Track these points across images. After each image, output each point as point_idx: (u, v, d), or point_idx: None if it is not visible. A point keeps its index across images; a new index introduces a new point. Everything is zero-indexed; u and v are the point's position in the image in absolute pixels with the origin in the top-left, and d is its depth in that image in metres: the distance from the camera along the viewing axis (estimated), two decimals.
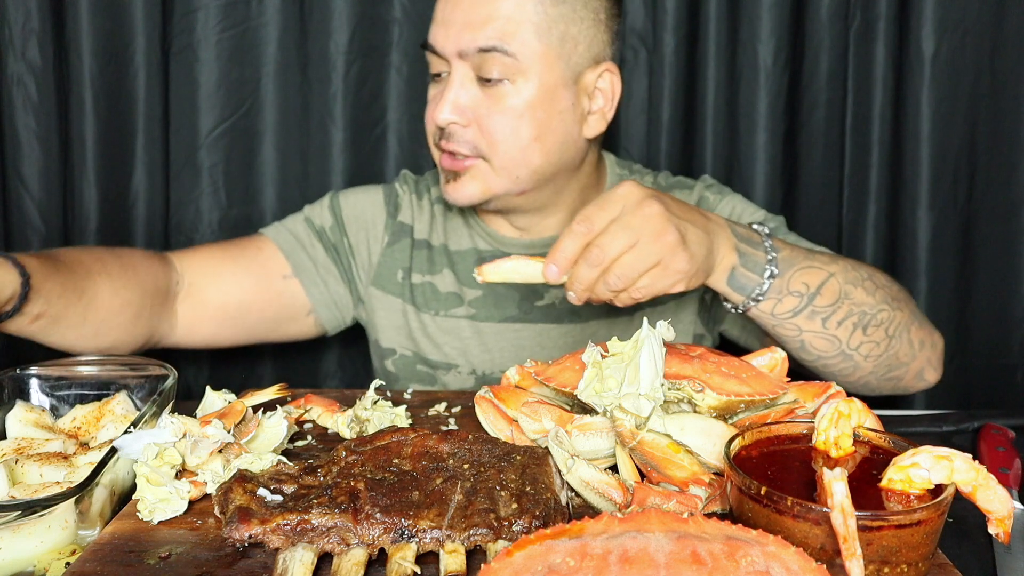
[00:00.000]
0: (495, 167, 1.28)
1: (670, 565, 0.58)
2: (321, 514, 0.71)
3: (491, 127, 1.25)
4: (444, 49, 1.25)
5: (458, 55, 1.24)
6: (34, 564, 0.75)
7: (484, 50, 1.22)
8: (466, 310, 1.43)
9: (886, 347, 1.18)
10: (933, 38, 1.68)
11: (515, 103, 1.25)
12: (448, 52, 1.25)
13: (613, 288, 0.99)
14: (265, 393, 0.97)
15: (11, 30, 1.59)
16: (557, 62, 1.26)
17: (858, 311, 1.15)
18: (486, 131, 1.26)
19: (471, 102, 1.25)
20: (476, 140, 1.26)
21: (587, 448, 0.87)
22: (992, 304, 1.78)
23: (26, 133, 1.62)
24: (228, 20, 1.65)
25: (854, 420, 0.78)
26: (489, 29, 1.22)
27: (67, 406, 1.01)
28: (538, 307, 1.41)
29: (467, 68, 1.25)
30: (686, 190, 1.47)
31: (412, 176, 1.53)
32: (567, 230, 1.00)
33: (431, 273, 1.45)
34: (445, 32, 1.25)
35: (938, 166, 1.73)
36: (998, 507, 0.69)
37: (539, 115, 1.26)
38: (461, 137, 1.27)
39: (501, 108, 1.25)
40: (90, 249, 1.30)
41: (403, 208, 1.49)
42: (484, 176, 1.29)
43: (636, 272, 0.99)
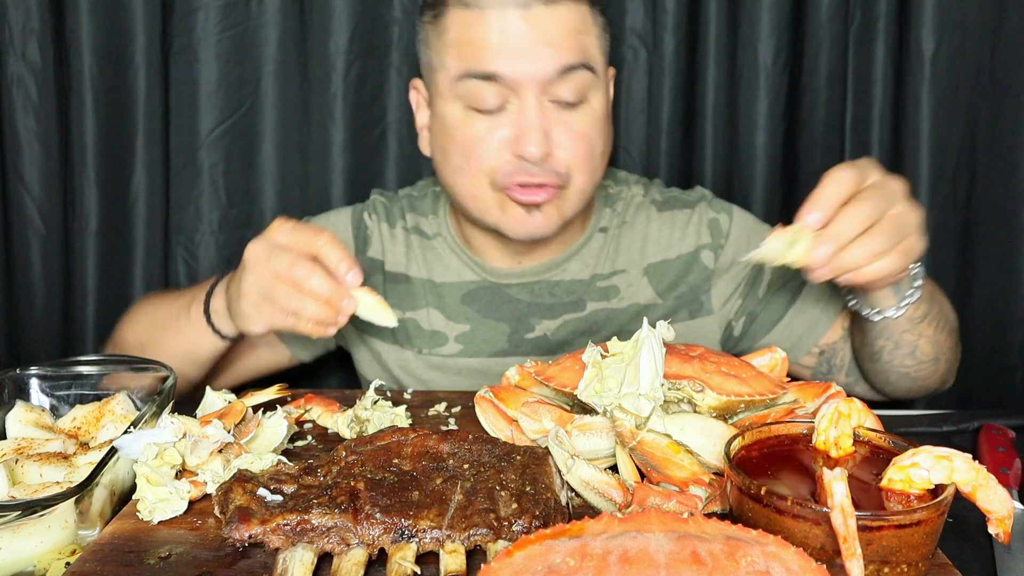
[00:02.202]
0: (571, 192, 1.23)
1: (670, 565, 0.58)
2: (321, 514, 0.71)
3: (577, 151, 1.20)
4: (521, 75, 1.15)
5: (539, 81, 1.16)
6: (34, 564, 0.75)
7: (569, 68, 1.16)
8: (453, 347, 1.37)
9: (953, 350, 1.24)
10: (933, 38, 1.68)
11: (594, 121, 1.21)
12: (526, 78, 1.15)
13: (875, 250, 0.94)
14: (265, 393, 0.97)
15: (11, 30, 1.59)
16: (606, 70, 1.25)
17: (949, 317, 1.21)
18: (572, 156, 1.20)
19: (553, 128, 1.18)
20: (560, 167, 1.20)
21: (587, 448, 0.87)
22: (992, 304, 1.78)
23: (26, 133, 1.62)
24: (228, 20, 1.65)
25: (854, 420, 0.78)
26: (571, 45, 1.16)
27: (67, 406, 1.01)
28: (528, 339, 1.37)
29: (541, 92, 1.17)
30: (686, 209, 1.41)
31: (383, 200, 1.46)
32: (830, 178, 0.94)
33: (412, 309, 1.39)
34: (518, 57, 1.14)
35: (938, 166, 1.72)
36: (998, 507, 0.69)
37: (605, 129, 1.24)
38: (547, 167, 1.18)
39: (583, 129, 1.20)
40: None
41: (372, 242, 1.42)
42: (562, 204, 1.23)
43: (897, 235, 0.95)
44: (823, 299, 1.34)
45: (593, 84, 1.20)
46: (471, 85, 1.17)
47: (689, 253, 1.39)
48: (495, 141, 1.19)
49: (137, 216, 1.69)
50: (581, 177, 1.22)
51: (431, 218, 1.43)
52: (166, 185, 1.69)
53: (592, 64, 1.19)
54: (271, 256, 1.04)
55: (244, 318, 1.09)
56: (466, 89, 1.18)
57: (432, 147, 1.30)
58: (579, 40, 1.17)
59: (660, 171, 1.75)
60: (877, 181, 0.97)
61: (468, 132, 1.20)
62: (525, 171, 1.18)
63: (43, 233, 1.67)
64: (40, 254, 1.68)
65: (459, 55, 1.18)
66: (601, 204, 1.41)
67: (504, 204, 1.23)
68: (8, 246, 1.67)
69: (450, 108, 1.22)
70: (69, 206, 1.67)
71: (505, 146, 1.18)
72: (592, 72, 1.19)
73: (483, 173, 1.21)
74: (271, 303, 1.05)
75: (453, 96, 1.20)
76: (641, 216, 1.41)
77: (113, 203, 1.68)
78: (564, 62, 1.15)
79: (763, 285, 1.36)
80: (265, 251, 1.04)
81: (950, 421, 1.15)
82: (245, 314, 1.08)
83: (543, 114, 1.17)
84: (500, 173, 1.20)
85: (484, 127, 1.19)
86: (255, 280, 1.05)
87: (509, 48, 1.15)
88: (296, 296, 1.03)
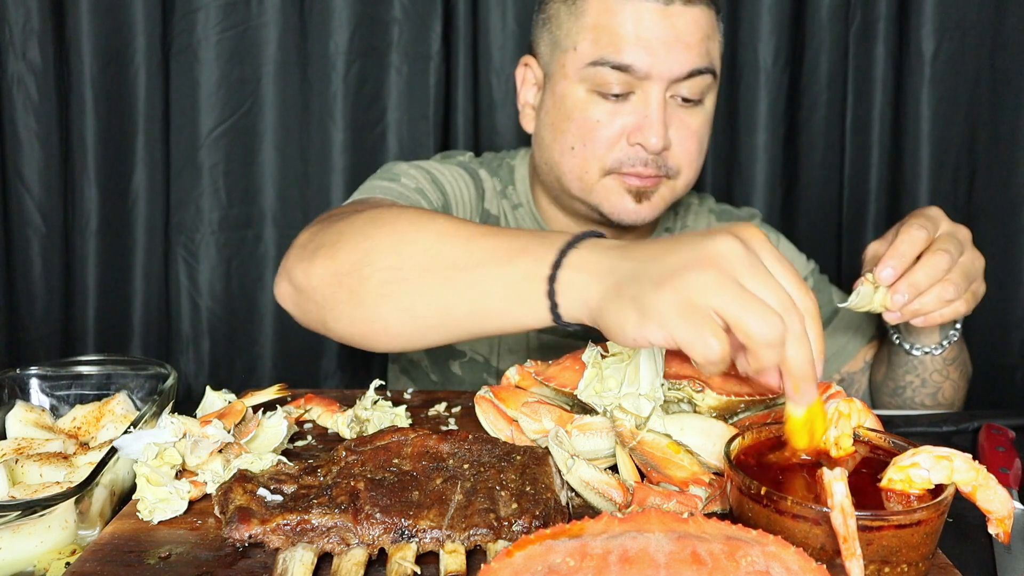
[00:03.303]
0: (679, 185, 1.26)
1: (670, 565, 0.58)
2: (321, 514, 0.71)
3: (689, 148, 1.23)
4: (653, 71, 1.17)
5: (669, 78, 1.17)
6: (34, 564, 0.75)
7: (697, 72, 1.18)
8: None
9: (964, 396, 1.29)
10: (933, 38, 1.68)
11: (705, 121, 1.24)
12: (659, 75, 1.17)
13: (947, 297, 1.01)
14: (265, 393, 0.97)
15: (11, 30, 1.59)
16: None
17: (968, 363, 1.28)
18: (684, 152, 1.23)
19: (672, 123, 1.21)
20: (672, 161, 1.23)
21: (587, 448, 0.86)
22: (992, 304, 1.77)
23: (26, 133, 1.63)
24: (228, 20, 1.65)
25: (854, 420, 0.78)
26: (701, 49, 1.18)
27: (67, 406, 1.01)
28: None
29: (666, 87, 1.19)
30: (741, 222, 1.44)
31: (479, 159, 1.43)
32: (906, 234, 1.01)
33: None
34: (654, 53, 1.16)
35: (938, 166, 1.73)
36: (998, 507, 0.69)
37: (710, 129, 1.27)
38: (662, 161, 1.22)
39: (697, 128, 1.23)
40: None
41: (488, 195, 1.40)
42: (665, 197, 1.26)
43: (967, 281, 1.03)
44: (852, 329, 1.38)
45: (711, 87, 1.23)
46: (602, 71, 1.18)
47: None
48: (616, 127, 1.20)
49: (137, 216, 1.69)
50: (688, 173, 1.25)
51: (511, 188, 1.42)
52: (166, 185, 1.70)
53: (715, 69, 1.22)
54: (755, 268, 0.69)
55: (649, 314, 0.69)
56: (595, 74, 1.19)
57: (540, 125, 1.30)
58: (708, 44, 1.19)
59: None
60: (948, 231, 1.05)
61: (588, 115, 1.21)
62: (640, 161, 1.21)
63: (43, 233, 1.67)
64: (40, 254, 1.68)
65: (595, 40, 1.18)
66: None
67: (612, 188, 1.24)
68: (8, 246, 1.67)
69: (573, 89, 1.22)
70: (69, 206, 1.67)
71: (623, 133, 1.20)
72: (714, 77, 1.22)
73: (597, 157, 1.22)
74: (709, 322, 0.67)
75: (580, 78, 1.21)
76: (702, 222, 1.47)
77: (113, 203, 1.68)
78: (695, 64, 1.17)
79: None
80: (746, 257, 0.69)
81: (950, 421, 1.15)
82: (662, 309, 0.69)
83: (665, 109, 1.19)
84: (614, 160, 1.21)
85: (606, 112, 1.20)
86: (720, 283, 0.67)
87: (646, 42, 1.16)
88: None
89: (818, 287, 1.42)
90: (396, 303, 0.87)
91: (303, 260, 0.95)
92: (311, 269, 0.93)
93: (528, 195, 1.40)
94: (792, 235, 1.79)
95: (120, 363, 1.04)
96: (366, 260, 0.88)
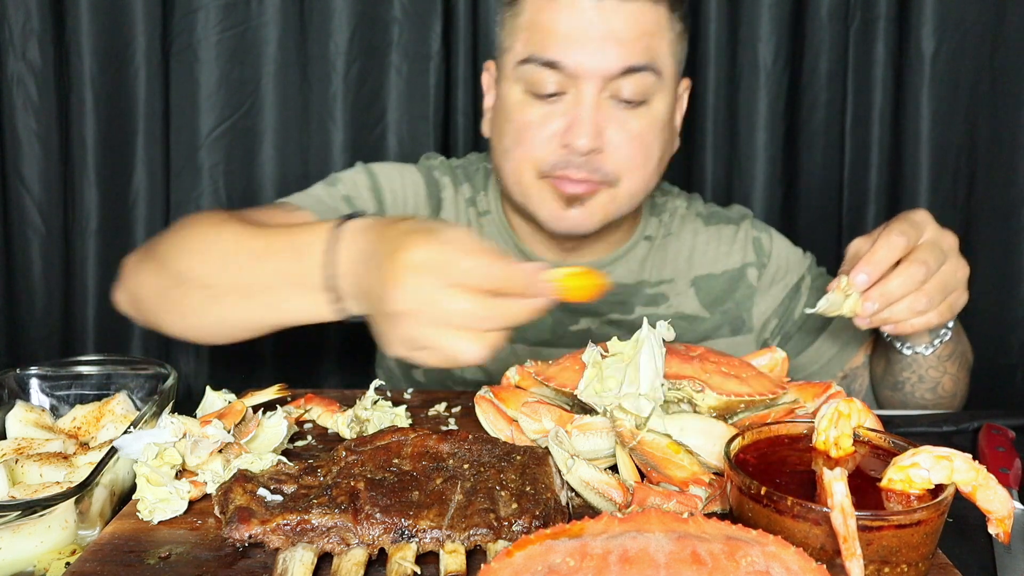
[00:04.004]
0: (621, 193, 1.20)
1: (670, 565, 0.58)
2: (321, 514, 0.71)
3: (630, 152, 1.17)
4: (582, 68, 1.13)
5: (600, 75, 1.13)
6: (34, 564, 0.75)
7: (633, 69, 1.13)
8: None
9: (967, 385, 1.28)
10: (933, 38, 1.68)
11: (652, 124, 1.18)
12: (589, 72, 1.13)
13: (918, 308, 0.99)
14: (265, 393, 0.97)
15: (11, 30, 1.59)
16: (677, 78, 1.22)
17: (967, 353, 1.26)
18: (624, 156, 1.17)
19: (608, 125, 1.16)
20: (609, 166, 1.17)
21: (587, 448, 0.87)
22: (992, 304, 1.78)
23: (26, 133, 1.63)
24: (228, 20, 1.65)
25: (854, 420, 0.78)
26: (639, 45, 1.13)
27: (67, 406, 1.01)
28: (572, 331, 1.36)
29: (601, 87, 1.14)
30: (731, 225, 1.41)
31: (447, 162, 1.41)
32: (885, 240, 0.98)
33: None
34: (582, 49, 1.12)
35: (938, 166, 1.73)
36: (998, 507, 0.69)
37: (665, 135, 1.22)
38: (594, 164, 1.16)
39: (640, 131, 1.17)
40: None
41: (445, 205, 1.38)
42: (609, 203, 1.21)
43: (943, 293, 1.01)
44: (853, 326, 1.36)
45: (657, 87, 1.17)
46: (532, 70, 1.16)
47: (735, 269, 1.40)
48: (547, 129, 1.17)
49: (137, 216, 1.69)
50: (631, 180, 1.20)
51: (482, 195, 1.40)
52: (166, 185, 1.70)
53: (657, 67, 1.16)
54: (448, 300, 0.77)
55: (390, 349, 0.83)
56: (527, 73, 1.16)
57: (491, 128, 1.29)
58: (648, 41, 1.14)
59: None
60: (931, 239, 1.02)
61: (523, 116, 1.19)
62: (571, 164, 1.17)
63: (43, 233, 1.67)
64: (40, 254, 1.68)
65: (527, 39, 1.17)
66: (647, 213, 1.40)
67: (546, 193, 1.21)
68: (8, 246, 1.67)
69: (511, 90, 1.20)
70: (69, 206, 1.67)
71: (556, 135, 1.17)
72: (657, 75, 1.16)
73: (529, 159, 1.19)
74: (434, 350, 0.80)
75: (515, 79, 1.19)
76: (688, 228, 1.41)
77: (113, 203, 1.68)
78: (629, 61, 1.13)
79: (799, 308, 1.38)
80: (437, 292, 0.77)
81: (950, 421, 1.15)
82: (393, 348, 0.82)
83: (599, 109, 1.15)
84: (546, 163, 1.18)
85: (539, 113, 1.18)
86: (416, 327, 0.79)
87: (575, 38, 1.13)
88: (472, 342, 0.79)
89: (815, 284, 1.40)
90: (211, 313, 1.00)
91: (136, 274, 1.10)
92: (141, 279, 1.08)
93: (498, 202, 1.38)
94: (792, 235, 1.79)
95: (120, 363, 1.04)
96: (184, 277, 1.02)
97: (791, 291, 1.40)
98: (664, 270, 1.39)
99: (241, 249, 0.98)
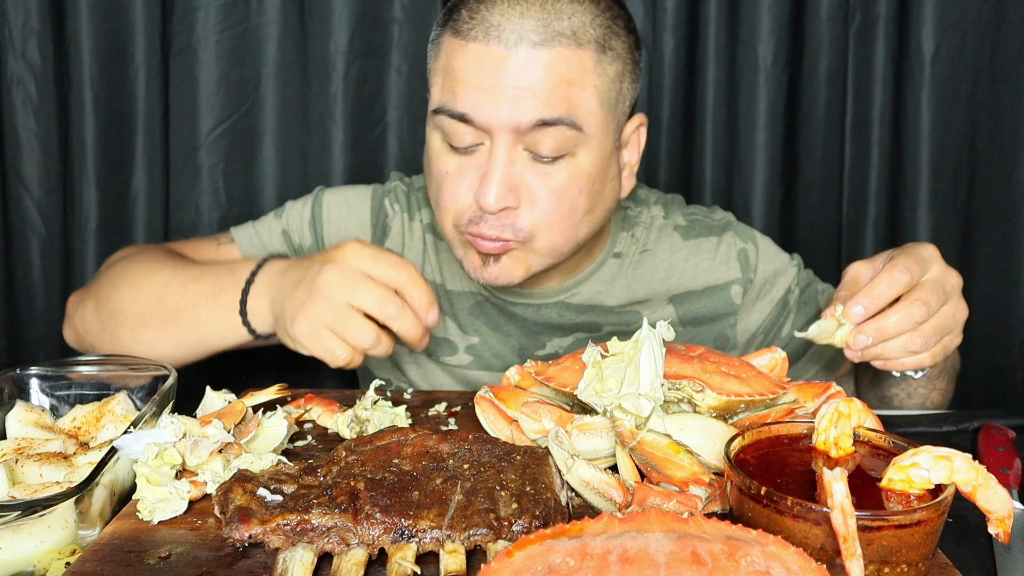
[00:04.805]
0: (537, 249, 1.13)
1: (670, 565, 0.58)
2: (321, 514, 0.71)
3: (547, 208, 1.09)
4: (492, 122, 1.05)
5: (510, 129, 1.05)
6: (34, 564, 0.75)
7: (547, 123, 1.04)
8: (463, 357, 1.32)
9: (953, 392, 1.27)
10: (933, 38, 1.68)
11: (574, 179, 1.09)
12: (499, 126, 1.05)
13: (912, 348, 0.96)
14: (265, 393, 0.97)
15: (11, 30, 1.59)
16: (612, 126, 1.12)
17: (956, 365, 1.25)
18: (540, 213, 1.09)
19: (521, 180, 1.08)
20: (522, 223, 1.10)
21: (587, 448, 0.87)
22: (992, 304, 1.78)
23: (26, 133, 1.63)
24: (228, 20, 1.65)
25: (854, 420, 0.78)
26: (554, 98, 1.04)
27: (67, 406, 1.01)
28: (539, 356, 1.31)
29: (515, 141, 1.06)
30: (712, 237, 1.32)
31: (403, 187, 1.36)
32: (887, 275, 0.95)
33: None
34: (492, 102, 1.04)
35: (938, 166, 1.73)
36: (998, 507, 0.69)
37: (595, 187, 1.12)
38: (504, 222, 1.09)
39: (559, 186, 1.08)
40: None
41: (392, 233, 1.34)
42: (522, 261, 1.14)
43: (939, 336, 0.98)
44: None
45: (579, 140, 1.07)
46: (445, 120, 1.09)
47: (718, 286, 1.32)
48: (463, 183, 1.10)
49: (137, 216, 1.69)
50: (550, 236, 1.12)
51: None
52: (166, 185, 1.70)
53: (577, 121, 1.06)
54: (354, 287, 0.98)
55: (294, 340, 1.04)
56: (441, 123, 1.10)
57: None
58: (567, 92, 1.05)
59: (660, 171, 1.75)
60: (935, 278, 0.98)
61: (440, 166, 1.13)
62: (483, 221, 1.10)
63: (43, 233, 1.67)
64: (40, 254, 1.68)
65: (441, 85, 1.10)
66: (618, 228, 1.32)
67: (465, 246, 1.16)
68: (8, 246, 1.67)
69: (432, 136, 1.14)
70: (69, 206, 1.67)
71: (471, 189, 1.10)
72: (575, 129, 1.06)
73: (448, 212, 1.13)
74: (336, 335, 1.00)
75: (433, 125, 1.13)
76: (664, 244, 1.33)
77: (113, 203, 1.68)
78: (540, 115, 1.04)
79: (787, 325, 1.33)
80: (347, 280, 0.98)
81: (950, 421, 1.15)
82: (297, 337, 1.03)
83: (513, 164, 1.07)
84: (462, 218, 1.12)
85: (454, 165, 1.11)
86: (327, 308, 0.99)
87: (484, 89, 1.04)
88: (374, 334, 1.00)
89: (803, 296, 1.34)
90: (144, 340, 1.17)
91: (78, 308, 1.25)
92: (84, 315, 1.23)
93: None
94: (792, 235, 1.80)
95: (120, 363, 1.04)
96: (118, 308, 1.19)
97: (778, 306, 1.33)
98: (638, 290, 1.32)
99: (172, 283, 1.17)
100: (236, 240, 1.36)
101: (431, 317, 1.03)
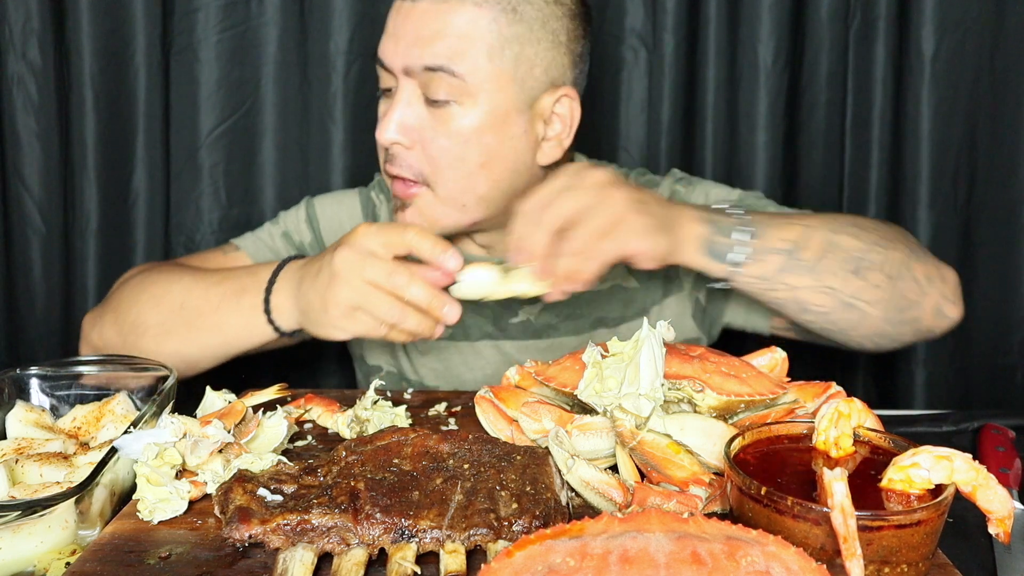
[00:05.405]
0: (439, 196, 1.20)
1: (670, 565, 0.58)
2: (321, 514, 0.71)
3: (435, 151, 1.17)
4: (392, 64, 1.18)
5: (404, 72, 1.16)
6: (34, 564, 0.75)
7: (431, 69, 1.14)
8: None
9: (889, 289, 1.12)
10: (933, 38, 1.68)
11: (462, 126, 1.16)
12: (395, 67, 1.17)
13: (572, 251, 0.98)
14: (265, 393, 0.97)
15: (11, 30, 1.59)
16: (510, 85, 1.17)
17: (847, 256, 1.10)
18: (430, 155, 1.18)
19: (417, 122, 1.17)
20: (420, 164, 1.18)
21: (587, 448, 0.87)
22: (992, 304, 1.78)
23: (26, 133, 1.62)
24: (228, 20, 1.65)
25: (854, 420, 0.78)
26: (438, 46, 1.14)
27: (67, 406, 1.01)
28: (513, 323, 1.37)
29: (414, 86, 1.17)
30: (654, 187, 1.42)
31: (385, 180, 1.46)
32: (514, 215, 1.02)
33: None
34: (394, 46, 1.17)
35: (938, 166, 1.72)
36: (998, 507, 0.69)
37: (487, 140, 1.18)
38: (404, 160, 1.19)
39: (447, 131, 1.16)
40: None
41: (381, 220, 1.42)
42: (429, 207, 1.21)
43: (594, 233, 0.99)
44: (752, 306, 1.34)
45: (463, 91, 1.15)
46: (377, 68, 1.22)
47: None
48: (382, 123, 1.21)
49: (137, 216, 1.69)
50: (444, 184, 1.19)
51: None
52: (166, 185, 1.69)
53: (457, 70, 1.14)
54: (365, 264, 1.02)
55: (330, 327, 1.07)
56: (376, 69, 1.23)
57: None
58: (454, 43, 1.14)
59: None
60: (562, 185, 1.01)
61: (379, 111, 1.25)
62: (389, 161, 1.21)
63: (43, 233, 1.67)
64: (40, 254, 1.68)
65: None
66: None
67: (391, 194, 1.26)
68: (8, 246, 1.67)
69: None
70: (69, 206, 1.67)
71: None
72: (455, 77, 1.14)
73: (380, 152, 1.24)
74: (366, 314, 1.04)
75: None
76: None
77: (113, 203, 1.68)
78: (425, 61, 1.14)
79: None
80: (358, 259, 1.02)
81: (950, 421, 1.15)
82: (332, 324, 1.06)
83: (408, 106, 1.17)
84: (381, 158, 1.24)
85: (383, 109, 1.23)
86: (348, 290, 1.03)
87: (390, 35, 1.18)
88: (396, 307, 1.03)
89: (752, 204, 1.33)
90: (168, 348, 1.18)
91: (96, 325, 1.26)
92: (102, 332, 1.25)
93: None
94: None
95: (120, 363, 1.04)
96: (139, 321, 1.21)
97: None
98: None
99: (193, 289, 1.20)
100: (241, 248, 1.40)
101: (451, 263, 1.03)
